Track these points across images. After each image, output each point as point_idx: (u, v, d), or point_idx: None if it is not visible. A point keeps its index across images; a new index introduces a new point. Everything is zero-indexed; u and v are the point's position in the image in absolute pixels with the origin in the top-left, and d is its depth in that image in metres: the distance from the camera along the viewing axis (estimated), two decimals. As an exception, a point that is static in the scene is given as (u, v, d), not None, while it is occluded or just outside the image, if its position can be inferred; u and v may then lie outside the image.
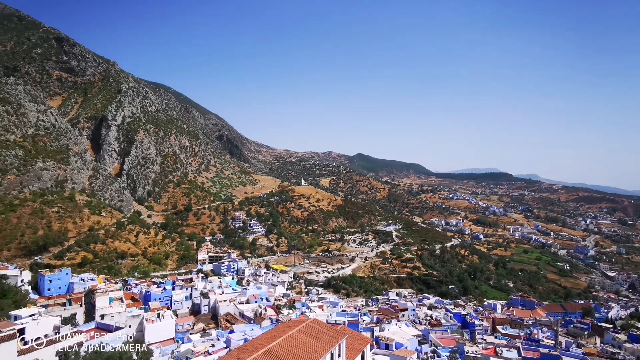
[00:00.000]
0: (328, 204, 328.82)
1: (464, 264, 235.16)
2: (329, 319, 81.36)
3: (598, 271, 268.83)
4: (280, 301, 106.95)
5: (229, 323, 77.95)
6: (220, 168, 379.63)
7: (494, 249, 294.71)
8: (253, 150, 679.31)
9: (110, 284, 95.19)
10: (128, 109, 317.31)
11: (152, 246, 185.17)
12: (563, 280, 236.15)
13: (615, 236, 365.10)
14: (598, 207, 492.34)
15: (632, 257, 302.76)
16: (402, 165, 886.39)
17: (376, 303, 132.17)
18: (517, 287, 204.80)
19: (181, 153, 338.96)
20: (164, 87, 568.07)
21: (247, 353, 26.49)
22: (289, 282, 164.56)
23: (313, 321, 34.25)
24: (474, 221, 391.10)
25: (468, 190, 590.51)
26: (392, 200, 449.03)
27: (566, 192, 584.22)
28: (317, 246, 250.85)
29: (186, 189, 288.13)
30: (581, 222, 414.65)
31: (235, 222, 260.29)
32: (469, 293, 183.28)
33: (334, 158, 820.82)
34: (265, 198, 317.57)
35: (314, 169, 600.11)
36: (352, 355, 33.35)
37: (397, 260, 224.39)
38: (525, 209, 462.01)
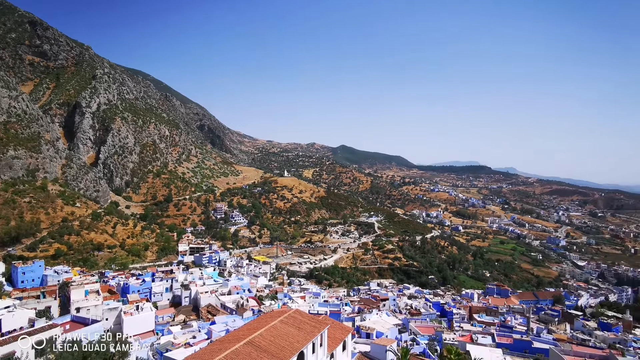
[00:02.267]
0: (311, 195, 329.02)
1: (444, 254, 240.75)
2: (311, 310, 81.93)
3: (569, 261, 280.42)
4: (262, 292, 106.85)
5: (211, 314, 77.41)
6: (201, 158, 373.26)
7: (473, 240, 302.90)
8: (235, 141, 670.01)
9: (86, 277, 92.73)
10: (104, 95, 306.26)
11: (131, 237, 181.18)
12: (536, 269, 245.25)
13: (586, 227, 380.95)
14: (570, 199, 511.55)
15: (601, 248, 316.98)
16: (384, 158, 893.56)
17: (358, 293, 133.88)
18: (493, 277, 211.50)
19: (161, 142, 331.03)
20: (143, 74, 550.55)
21: (229, 344, 26.28)
22: (271, 273, 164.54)
23: (295, 312, 34.29)
24: (454, 213, 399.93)
25: (449, 183, 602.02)
26: (374, 192, 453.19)
27: (541, 185, 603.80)
28: (300, 237, 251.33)
29: (166, 180, 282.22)
30: (554, 214, 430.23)
31: (217, 213, 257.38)
32: (447, 283, 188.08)
33: (317, 149, 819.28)
34: (247, 189, 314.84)
35: (297, 160, 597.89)
36: (333, 345, 33.64)
37: (378, 251, 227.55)
38: (503, 202, 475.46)
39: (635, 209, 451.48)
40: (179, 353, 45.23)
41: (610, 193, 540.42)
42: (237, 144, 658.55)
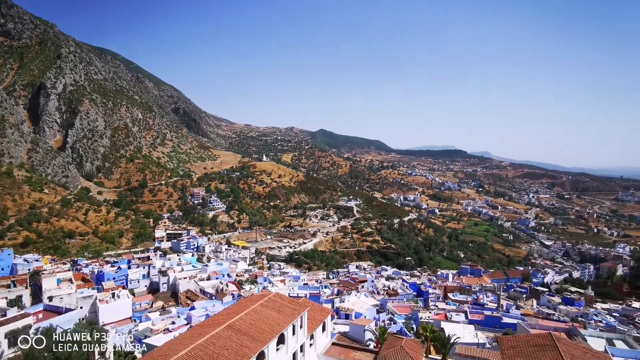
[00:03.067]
0: (290, 179, 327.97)
1: (420, 237, 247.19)
2: (291, 293, 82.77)
3: (537, 241, 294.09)
4: (242, 277, 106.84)
5: (190, 300, 76.92)
6: (177, 142, 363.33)
7: (448, 222, 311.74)
8: (212, 125, 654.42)
9: (58, 265, 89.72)
10: (69, 76, 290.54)
11: (104, 224, 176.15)
12: (507, 249, 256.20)
13: (554, 209, 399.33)
14: (540, 182, 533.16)
15: (567, 228, 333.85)
16: (363, 142, 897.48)
17: (337, 276, 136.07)
18: (467, 257, 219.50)
19: (133, 126, 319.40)
20: (111, 53, 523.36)
21: (209, 328, 26.14)
22: (250, 258, 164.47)
23: (275, 295, 34.42)
24: (430, 196, 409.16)
25: (426, 167, 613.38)
26: (353, 176, 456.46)
27: (513, 168, 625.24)
28: (279, 222, 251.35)
29: (140, 165, 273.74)
30: (525, 197, 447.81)
31: (194, 198, 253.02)
32: (424, 264, 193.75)
33: (296, 134, 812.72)
34: (225, 174, 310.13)
35: (275, 144, 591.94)
36: (313, 326, 34.14)
37: (357, 235, 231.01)
38: (477, 185, 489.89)
39: (599, 191, 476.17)
40: (158, 339, 44.87)
41: (576, 176, 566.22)
42: (214, 128, 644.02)
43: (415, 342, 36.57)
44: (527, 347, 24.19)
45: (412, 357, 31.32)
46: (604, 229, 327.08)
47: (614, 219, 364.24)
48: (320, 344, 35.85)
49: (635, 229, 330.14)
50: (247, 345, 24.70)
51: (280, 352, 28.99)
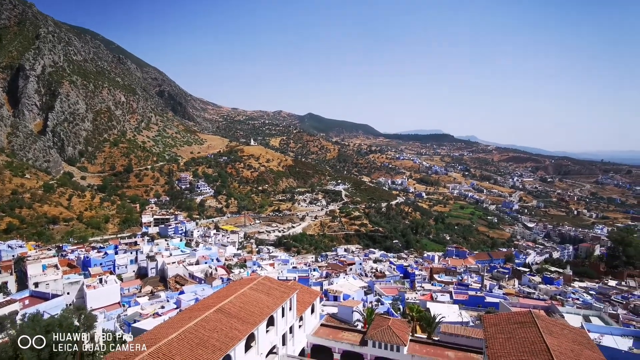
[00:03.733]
0: (278, 164, 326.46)
1: (408, 220, 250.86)
2: (280, 276, 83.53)
3: (520, 223, 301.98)
4: (231, 261, 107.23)
5: (179, 284, 76.99)
6: (162, 126, 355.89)
7: (435, 205, 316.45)
8: (198, 108, 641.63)
9: (42, 251, 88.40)
10: (48, 57, 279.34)
11: (89, 210, 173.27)
12: (491, 232, 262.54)
13: (536, 192, 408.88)
14: (524, 166, 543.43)
15: (549, 210, 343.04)
16: (351, 126, 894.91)
17: (325, 259, 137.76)
18: (452, 240, 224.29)
19: (116, 109, 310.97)
20: (91, 33, 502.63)
21: (198, 312, 26.29)
22: (239, 242, 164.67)
23: (264, 278, 34.71)
24: (417, 180, 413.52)
25: (413, 151, 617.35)
26: (341, 161, 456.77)
27: (499, 152, 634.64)
28: (268, 206, 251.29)
29: (125, 149, 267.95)
30: (509, 180, 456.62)
31: (182, 183, 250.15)
32: (411, 247, 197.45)
33: (284, 117, 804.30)
34: (212, 158, 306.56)
35: (263, 128, 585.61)
36: (302, 308, 34.70)
37: (345, 218, 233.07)
38: (464, 169, 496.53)
39: (580, 174, 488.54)
40: (148, 323, 45.00)
41: (559, 160, 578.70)
42: (201, 112, 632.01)
43: (401, 322, 37.56)
44: (508, 325, 25.12)
45: (399, 336, 32.23)
46: (583, 211, 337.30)
47: (593, 202, 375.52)
48: (309, 325, 36.53)
49: (613, 211, 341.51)
50: (237, 327, 24.99)
51: (270, 334, 29.47)
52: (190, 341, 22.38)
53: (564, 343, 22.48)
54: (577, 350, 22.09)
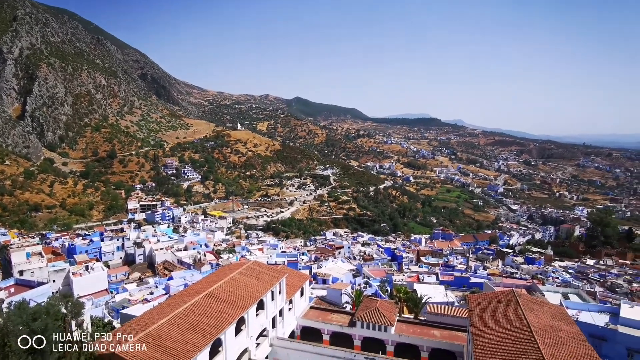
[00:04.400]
0: (266, 149, 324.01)
1: (395, 204, 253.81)
2: (269, 261, 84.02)
3: (504, 205, 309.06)
4: (219, 246, 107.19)
5: (167, 270, 76.80)
6: (146, 111, 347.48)
7: (422, 189, 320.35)
8: (183, 92, 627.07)
9: (26, 239, 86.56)
10: (26, 39, 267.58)
11: (72, 197, 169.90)
12: (477, 214, 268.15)
13: (521, 175, 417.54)
14: (509, 149, 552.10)
15: (532, 193, 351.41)
16: (339, 110, 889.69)
17: (314, 243, 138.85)
18: (439, 223, 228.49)
19: (97, 93, 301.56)
20: (68, 13, 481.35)
21: (188, 297, 26.30)
22: (228, 227, 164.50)
23: (253, 263, 34.81)
24: (405, 164, 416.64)
25: (401, 135, 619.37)
26: (329, 145, 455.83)
27: (485, 136, 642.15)
28: (256, 191, 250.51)
29: (107, 134, 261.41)
30: (495, 164, 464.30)
31: (168, 168, 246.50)
32: (398, 230, 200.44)
33: (271, 101, 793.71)
34: (199, 143, 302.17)
35: (250, 112, 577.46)
36: (292, 292, 35.06)
37: (334, 203, 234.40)
38: (451, 152, 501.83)
39: (563, 157, 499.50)
40: (137, 309, 44.87)
41: (543, 143, 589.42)
42: (185, 96, 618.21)
43: (389, 303, 38.39)
44: (492, 304, 25.92)
45: (386, 317, 32.97)
46: (565, 193, 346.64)
47: (574, 184, 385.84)
48: (298, 308, 37.03)
49: (593, 193, 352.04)
50: (226, 312, 25.14)
51: (260, 317, 29.78)
52: (180, 326, 22.44)
53: (544, 320, 23.36)
54: (555, 326, 23.00)
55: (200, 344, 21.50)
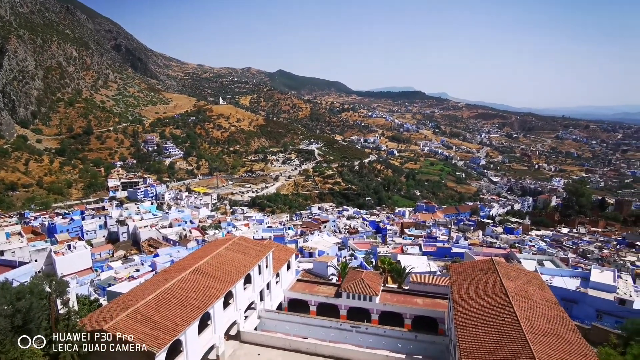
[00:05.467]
0: (249, 123, 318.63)
1: (380, 177, 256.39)
2: (255, 236, 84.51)
3: (486, 178, 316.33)
4: (205, 223, 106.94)
5: (153, 247, 76.51)
6: (122, 84, 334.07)
7: (406, 163, 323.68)
8: (161, 65, 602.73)
9: (4, 219, 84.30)
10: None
11: (49, 175, 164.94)
12: (459, 187, 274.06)
13: (502, 148, 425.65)
14: (492, 122, 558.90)
15: (512, 165, 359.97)
16: (324, 84, 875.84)
17: (300, 217, 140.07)
18: (423, 195, 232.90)
19: (69, 65, 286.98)
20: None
21: (175, 273, 26.36)
22: (213, 203, 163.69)
23: (240, 238, 34.95)
24: (389, 138, 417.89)
25: (385, 109, 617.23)
26: (314, 119, 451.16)
27: (469, 109, 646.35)
28: (240, 167, 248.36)
29: (82, 109, 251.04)
30: (477, 137, 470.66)
31: (148, 145, 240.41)
32: (383, 203, 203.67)
33: (254, 75, 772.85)
34: (180, 118, 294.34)
35: (232, 86, 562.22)
36: (278, 265, 35.56)
37: (319, 177, 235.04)
38: (434, 126, 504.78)
39: (543, 130, 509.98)
40: (123, 286, 44.87)
41: (524, 116, 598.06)
42: (164, 69, 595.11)
43: (374, 274, 39.46)
44: (472, 272, 26.97)
45: (371, 287, 33.98)
46: (543, 165, 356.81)
47: (553, 156, 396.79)
48: (285, 281, 37.71)
49: (570, 164, 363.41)
50: (214, 286, 25.40)
51: (247, 291, 30.24)
52: (168, 301, 22.60)
53: (520, 285, 24.55)
54: (530, 291, 24.24)
55: (189, 318, 21.79)
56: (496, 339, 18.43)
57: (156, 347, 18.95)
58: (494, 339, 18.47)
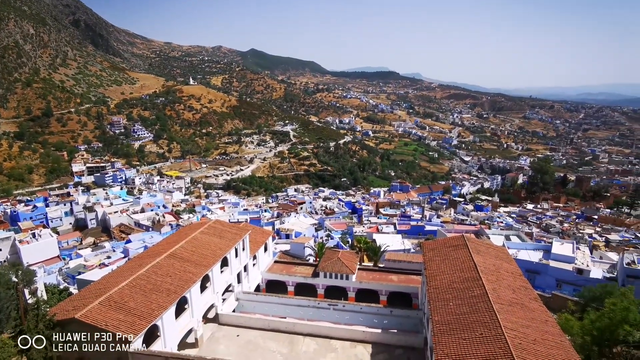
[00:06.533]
0: (222, 104, 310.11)
1: (355, 158, 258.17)
2: (231, 219, 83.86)
3: (458, 157, 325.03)
4: (179, 207, 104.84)
5: (124, 233, 74.50)
6: (82, 63, 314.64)
7: (381, 143, 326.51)
8: (124, 42, 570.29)
9: (-41, 208, 79.37)
10: None
11: (8, 160, 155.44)
12: (432, 166, 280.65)
13: (473, 127, 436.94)
14: (464, 103, 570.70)
15: (483, 145, 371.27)
16: (298, 63, 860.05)
17: (276, 200, 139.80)
18: (397, 175, 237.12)
19: (25, 43, 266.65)
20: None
21: (149, 259, 25.83)
22: (186, 187, 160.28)
23: (215, 222, 34.52)
24: (364, 119, 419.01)
25: (360, 89, 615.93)
26: (288, 100, 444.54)
27: (442, 90, 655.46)
28: (214, 149, 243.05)
29: (41, 90, 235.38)
30: (450, 117, 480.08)
31: (115, 127, 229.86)
32: (358, 184, 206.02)
33: (225, 54, 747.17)
34: (148, 99, 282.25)
35: (202, 66, 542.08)
36: (255, 248, 35.54)
37: (294, 159, 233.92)
38: (408, 106, 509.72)
39: (511, 110, 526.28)
40: (94, 274, 43.68)
41: (494, 96, 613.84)
42: (128, 46, 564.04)
43: (350, 253, 40.22)
44: (444, 248, 27.99)
45: (348, 266, 34.68)
46: (512, 144, 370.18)
47: (520, 135, 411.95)
48: (263, 263, 37.83)
49: (536, 143, 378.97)
50: (190, 270, 25.12)
51: (224, 274, 30.14)
52: (143, 287, 22.20)
53: (488, 259, 25.76)
54: (497, 264, 25.51)
55: (165, 303, 21.55)
56: (466, 311, 19.38)
57: (132, 333, 18.70)
58: (464, 311, 19.42)
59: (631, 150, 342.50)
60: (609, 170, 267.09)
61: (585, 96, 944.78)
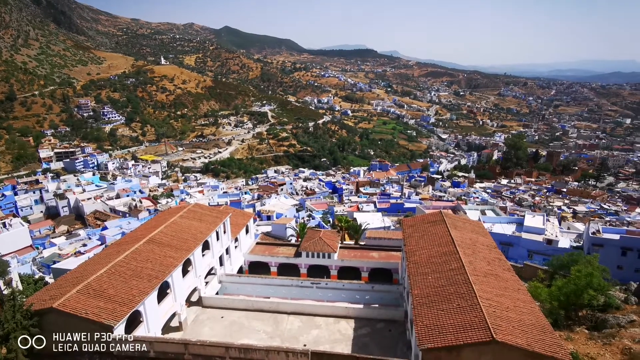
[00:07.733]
0: (196, 85, 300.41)
1: (334, 138, 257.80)
2: (211, 202, 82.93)
3: (435, 135, 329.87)
4: (156, 192, 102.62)
5: (100, 220, 72.60)
6: (45, 42, 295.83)
7: (360, 122, 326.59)
8: (88, 19, 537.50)
9: None
10: None
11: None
12: (410, 145, 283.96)
13: (450, 105, 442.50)
14: (441, 80, 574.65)
15: (459, 122, 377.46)
16: (274, 41, 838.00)
17: (256, 182, 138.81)
18: (376, 154, 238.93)
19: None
20: None
21: (127, 245, 25.33)
22: (163, 171, 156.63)
23: (194, 205, 34.04)
24: (343, 98, 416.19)
25: (338, 68, 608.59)
26: (265, 80, 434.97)
27: (419, 67, 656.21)
28: (190, 132, 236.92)
29: (2, 72, 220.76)
30: (427, 95, 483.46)
31: (83, 110, 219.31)
32: (338, 163, 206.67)
33: (197, 31, 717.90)
34: (117, 80, 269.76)
35: (174, 44, 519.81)
36: (237, 230, 35.41)
37: (273, 140, 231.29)
38: (387, 85, 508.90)
39: (487, 87, 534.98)
40: (70, 263, 42.67)
41: (470, 74, 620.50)
42: (92, 23, 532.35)
43: (331, 232, 40.73)
44: (423, 224, 28.72)
45: (329, 245, 35.17)
46: (487, 121, 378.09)
47: (495, 112, 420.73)
48: (245, 245, 37.84)
49: (510, 119, 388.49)
50: (171, 255, 24.84)
51: (206, 257, 30.00)
52: (122, 274, 21.85)
53: (465, 234, 26.66)
54: (474, 238, 26.46)
55: (147, 288, 21.32)
56: (444, 283, 20.13)
57: (113, 320, 18.50)
58: (442, 283, 20.17)
59: (598, 125, 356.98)
60: (577, 145, 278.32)
61: (557, 73, 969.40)
